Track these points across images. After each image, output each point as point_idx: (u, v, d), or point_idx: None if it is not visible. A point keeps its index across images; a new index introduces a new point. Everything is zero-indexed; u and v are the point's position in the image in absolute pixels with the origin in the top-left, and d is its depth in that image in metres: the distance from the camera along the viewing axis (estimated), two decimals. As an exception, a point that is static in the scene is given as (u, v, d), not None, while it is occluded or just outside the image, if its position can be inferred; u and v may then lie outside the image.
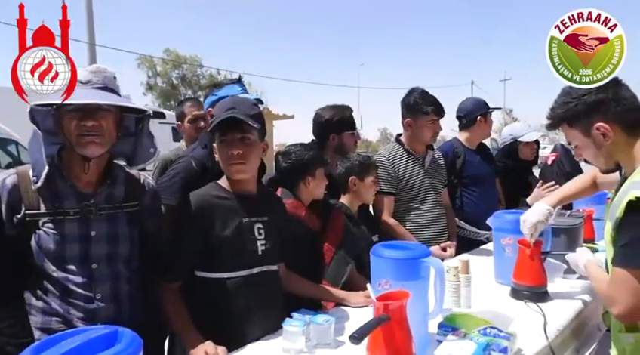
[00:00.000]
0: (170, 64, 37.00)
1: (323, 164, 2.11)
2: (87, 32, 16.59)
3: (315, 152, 2.10)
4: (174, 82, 38.30)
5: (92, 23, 16.72)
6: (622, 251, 1.37)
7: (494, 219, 2.17)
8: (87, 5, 16.65)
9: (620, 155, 1.51)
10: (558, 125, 1.61)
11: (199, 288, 1.59)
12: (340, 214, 2.15)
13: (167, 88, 37.61)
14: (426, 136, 2.71)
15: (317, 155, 2.09)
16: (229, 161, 1.60)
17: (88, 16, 16.81)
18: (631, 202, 1.33)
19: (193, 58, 37.97)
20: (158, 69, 37.32)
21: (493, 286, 2.11)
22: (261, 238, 1.63)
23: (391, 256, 1.39)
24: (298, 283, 1.84)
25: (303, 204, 2.02)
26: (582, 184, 2.05)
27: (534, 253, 1.89)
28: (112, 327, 1.05)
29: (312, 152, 2.07)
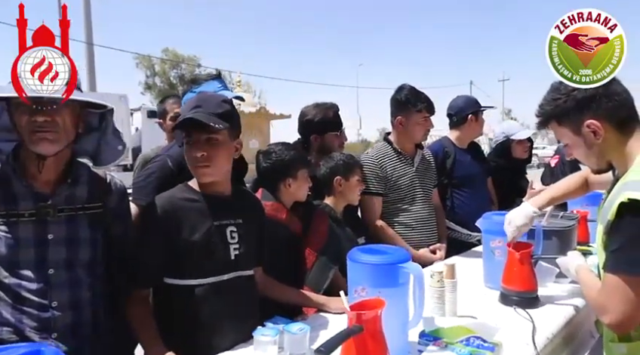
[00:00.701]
0: (168, 64, 36.95)
1: (305, 165, 2.02)
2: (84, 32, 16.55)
3: (296, 152, 2.01)
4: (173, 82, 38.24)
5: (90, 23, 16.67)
6: (613, 256, 1.29)
7: (483, 221, 2.09)
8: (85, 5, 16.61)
9: (612, 154, 1.43)
10: (547, 123, 1.53)
11: (167, 296, 1.50)
12: (324, 217, 2.07)
13: (165, 88, 37.54)
14: (418, 134, 2.63)
15: (298, 156, 2.00)
16: (194, 163, 1.51)
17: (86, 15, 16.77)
18: (623, 204, 1.25)
19: (191, 58, 37.92)
20: (157, 69, 37.28)
21: (482, 291, 2.03)
22: (234, 242, 1.54)
23: (367, 261, 1.31)
24: (276, 289, 1.75)
25: (283, 206, 1.93)
26: (572, 184, 1.97)
27: (524, 257, 1.80)
28: (35, 345, 0.95)
29: (293, 153, 1.98)
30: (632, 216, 1.24)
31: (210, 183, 1.54)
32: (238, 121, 1.62)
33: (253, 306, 1.59)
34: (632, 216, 1.24)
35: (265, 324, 1.45)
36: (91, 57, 17.81)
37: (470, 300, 1.88)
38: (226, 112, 1.55)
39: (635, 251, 1.25)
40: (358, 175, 2.30)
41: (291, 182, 1.94)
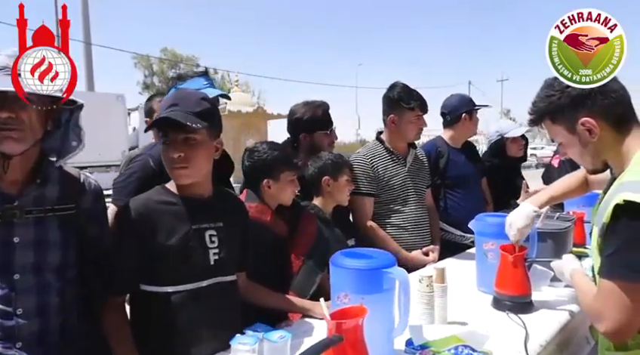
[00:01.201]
0: (167, 63, 36.90)
1: (289, 167, 1.92)
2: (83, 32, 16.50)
3: (281, 153, 1.91)
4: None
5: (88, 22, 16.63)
6: (609, 260, 1.23)
7: (476, 222, 2.03)
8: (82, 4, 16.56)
9: (607, 153, 1.36)
10: (541, 121, 1.47)
11: (143, 303, 1.43)
12: (311, 219, 2.00)
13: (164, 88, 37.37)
14: (411, 132, 2.57)
15: (282, 157, 1.91)
16: (171, 164, 1.43)
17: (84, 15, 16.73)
18: (619, 206, 1.19)
19: (190, 58, 37.88)
20: (155, 69, 37.24)
21: (474, 295, 1.97)
22: (214, 246, 1.46)
23: (350, 266, 1.24)
24: (259, 294, 1.68)
25: (268, 207, 1.86)
26: (572, 183, 1.90)
27: (517, 260, 1.74)
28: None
29: (276, 153, 1.89)
30: (628, 218, 1.18)
31: (188, 184, 1.47)
32: (218, 119, 1.55)
33: (234, 313, 1.52)
34: (629, 218, 1.18)
35: (244, 331, 1.38)
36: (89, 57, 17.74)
37: (462, 305, 1.82)
38: (205, 111, 1.47)
39: (632, 255, 1.18)
40: (347, 175, 2.23)
41: (272, 183, 1.86)
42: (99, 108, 13.22)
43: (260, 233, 1.74)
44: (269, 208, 1.86)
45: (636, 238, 1.17)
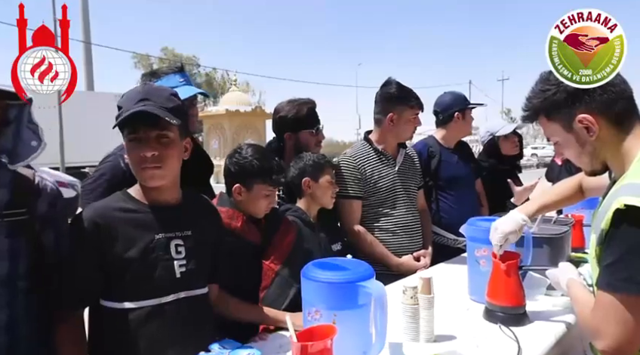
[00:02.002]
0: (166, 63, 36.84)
1: (264, 180, 1.73)
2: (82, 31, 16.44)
3: (260, 162, 1.73)
4: (170, 82, 38.08)
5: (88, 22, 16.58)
6: (608, 271, 1.11)
7: (468, 227, 1.91)
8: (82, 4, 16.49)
9: (607, 153, 1.25)
10: (535, 118, 1.35)
11: (100, 320, 1.31)
12: (290, 229, 1.84)
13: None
14: (408, 131, 2.47)
15: (259, 168, 1.72)
16: (142, 164, 1.30)
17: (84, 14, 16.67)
18: (619, 211, 1.07)
19: (190, 57, 37.84)
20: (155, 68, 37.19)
21: (465, 304, 1.85)
22: (180, 257, 1.34)
23: (321, 279, 1.12)
24: (231, 306, 1.56)
25: (240, 213, 1.73)
26: (565, 191, 1.78)
27: (510, 268, 1.62)
28: None
29: (255, 162, 1.72)
30: (628, 225, 1.06)
31: (155, 189, 1.35)
32: (186, 118, 1.44)
33: (204, 329, 1.39)
34: (629, 225, 1.06)
35: (209, 348, 1.27)
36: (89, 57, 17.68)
37: (451, 316, 1.70)
38: (177, 107, 1.36)
39: (634, 265, 1.07)
40: (329, 175, 2.11)
41: (243, 191, 1.73)
42: (98, 108, 13.19)
43: (230, 240, 1.62)
44: (241, 214, 1.73)
45: (638, 247, 1.06)
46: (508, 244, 1.69)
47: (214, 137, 16.02)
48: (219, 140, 15.60)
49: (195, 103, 2.03)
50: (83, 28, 16.37)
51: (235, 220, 1.68)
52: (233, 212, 1.69)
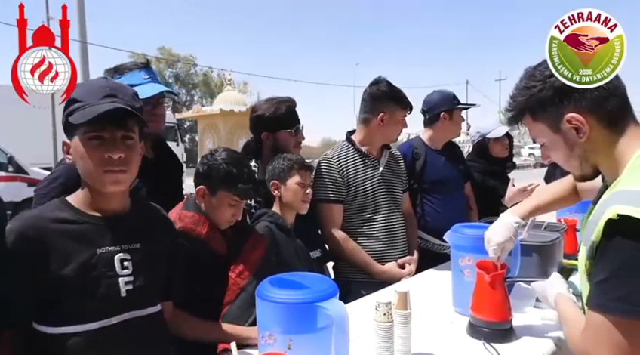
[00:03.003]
0: (163, 63, 36.72)
1: (229, 189, 1.59)
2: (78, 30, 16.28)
3: (229, 169, 1.58)
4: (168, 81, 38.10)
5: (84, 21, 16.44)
6: (600, 289, 0.99)
7: (451, 234, 1.78)
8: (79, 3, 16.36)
9: (598, 156, 1.13)
10: (521, 117, 1.23)
11: (34, 347, 1.15)
12: (260, 242, 1.70)
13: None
14: (397, 133, 2.35)
15: (226, 174, 1.58)
16: (106, 167, 1.17)
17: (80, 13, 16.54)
18: (611, 222, 0.95)
19: (187, 57, 37.70)
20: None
21: (449, 317, 1.72)
22: (126, 273, 1.19)
23: (275, 298, 0.99)
24: (187, 325, 1.42)
25: (206, 219, 1.60)
26: (560, 192, 1.66)
27: (496, 280, 1.50)
28: None
29: (224, 167, 1.58)
30: (622, 237, 0.94)
31: (103, 197, 1.21)
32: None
33: (162, 352, 1.27)
34: (623, 237, 0.94)
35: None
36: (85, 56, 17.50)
37: (433, 331, 1.58)
38: (140, 109, 1.26)
39: (628, 283, 0.94)
40: (299, 177, 1.97)
41: (207, 195, 1.60)
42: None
43: (192, 248, 1.50)
44: (208, 221, 1.60)
45: (633, 262, 0.94)
46: (505, 253, 1.57)
47: (209, 137, 15.84)
48: (213, 139, 15.42)
49: (162, 101, 1.90)
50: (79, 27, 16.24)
51: (200, 226, 1.55)
52: (199, 218, 1.56)
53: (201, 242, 1.53)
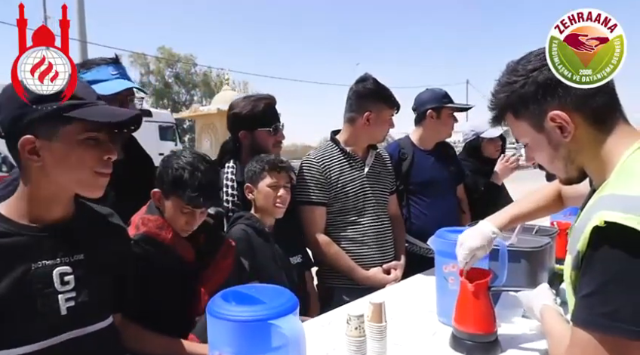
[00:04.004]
0: (163, 62, 36.70)
1: (178, 193, 1.44)
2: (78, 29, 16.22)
3: (180, 172, 1.44)
4: (168, 81, 38.08)
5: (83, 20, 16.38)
6: (585, 304, 0.90)
7: (435, 239, 1.69)
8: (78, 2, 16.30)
9: (584, 158, 1.04)
10: (503, 116, 1.14)
11: None
12: (230, 251, 1.60)
13: (160, 87, 37.35)
14: (383, 132, 2.26)
15: (175, 178, 1.44)
16: (100, 168, 1.09)
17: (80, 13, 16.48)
18: (598, 230, 0.85)
19: (187, 57, 37.66)
20: (151, 68, 37.09)
21: (433, 327, 1.63)
22: (67, 289, 1.08)
23: (226, 315, 0.90)
24: (139, 339, 1.32)
25: (169, 224, 1.49)
26: (542, 199, 1.56)
27: (479, 289, 1.40)
28: None
29: (179, 172, 1.44)
30: (610, 246, 0.85)
31: (43, 203, 1.09)
32: None
33: None
34: (611, 246, 0.85)
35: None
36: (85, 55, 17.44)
37: (414, 343, 1.49)
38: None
39: (616, 298, 0.85)
40: (270, 178, 1.88)
41: (162, 198, 1.49)
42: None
43: (156, 254, 1.40)
44: (170, 225, 1.49)
45: (621, 274, 0.84)
46: (475, 260, 1.48)
47: (206, 137, 15.78)
48: (211, 139, 15.36)
49: (131, 98, 1.80)
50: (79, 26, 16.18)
51: (165, 230, 1.44)
52: (163, 222, 1.45)
53: (165, 247, 1.43)
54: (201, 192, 1.41)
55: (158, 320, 1.35)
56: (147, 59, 35.86)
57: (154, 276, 1.36)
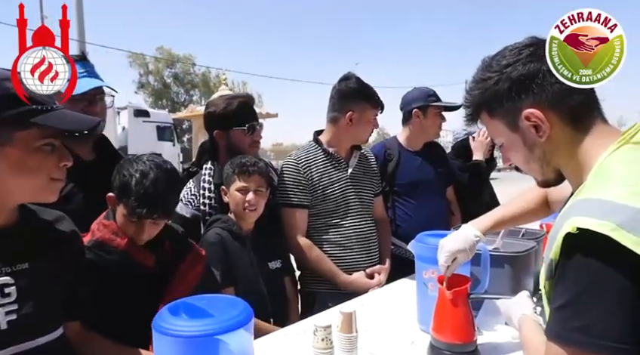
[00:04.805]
0: (162, 62, 36.64)
1: (122, 200, 1.36)
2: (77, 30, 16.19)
3: (126, 178, 1.34)
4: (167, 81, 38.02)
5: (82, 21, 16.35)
6: (558, 316, 0.83)
7: (415, 243, 1.62)
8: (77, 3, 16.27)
9: (560, 159, 0.97)
10: (478, 115, 1.07)
11: None
12: (197, 261, 1.51)
13: (159, 87, 37.30)
14: (367, 133, 2.19)
15: (122, 183, 1.35)
16: (56, 175, 1.04)
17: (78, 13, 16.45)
18: (570, 237, 0.79)
19: (186, 57, 37.58)
20: (150, 68, 37.05)
21: (412, 335, 1.56)
22: (8, 301, 1.00)
23: (169, 330, 0.83)
24: (99, 348, 1.25)
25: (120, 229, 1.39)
26: (528, 204, 1.50)
27: (457, 296, 1.33)
28: None
29: (125, 175, 1.35)
30: (582, 255, 0.78)
31: None
32: None
33: None
34: (583, 255, 0.78)
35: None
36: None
37: (391, 352, 1.42)
38: None
39: (588, 312, 0.78)
40: (240, 182, 1.81)
41: (115, 203, 1.39)
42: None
43: (109, 260, 1.33)
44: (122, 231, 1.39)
45: (594, 285, 0.78)
46: (456, 265, 1.41)
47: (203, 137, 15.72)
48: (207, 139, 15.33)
49: (101, 98, 1.74)
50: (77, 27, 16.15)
51: (120, 236, 1.36)
52: (118, 228, 1.38)
53: (120, 254, 1.35)
54: (145, 203, 1.30)
55: (119, 330, 1.28)
56: (146, 59, 35.80)
57: (109, 284, 1.29)
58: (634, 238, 0.73)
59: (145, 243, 1.40)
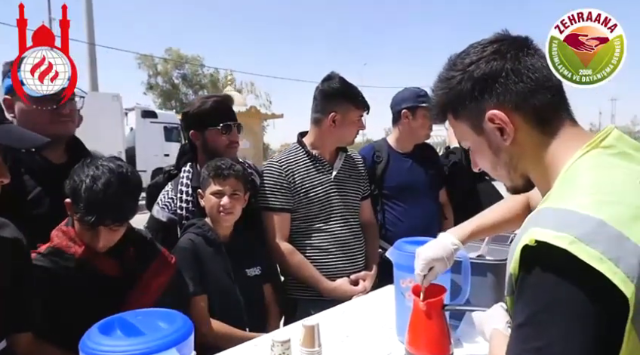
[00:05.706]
0: (171, 64, 36.82)
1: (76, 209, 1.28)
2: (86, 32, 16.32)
3: (78, 184, 1.27)
4: (175, 82, 38.21)
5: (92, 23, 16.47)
6: (518, 335, 0.76)
7: (393, 251, 1.55)
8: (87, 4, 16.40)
9: (527, 164, 0.90)
10: (444, 116, 1.00)
11: None
12: (165, 268, 1.46)
13: (168, 88, 37.49)
14: (352, 135, 2.12)
15: (72, 189, 1.28)
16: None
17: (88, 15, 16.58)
18: (529, 250, 0.72)
19: (195, 58, 37.73)
20: (159, 69, 37.26)
21: (389, 347, 1.49)
22: None
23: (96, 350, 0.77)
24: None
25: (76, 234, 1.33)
26: (509, 210, 1.42)
27: (432, 308, 1.26)
28: None
29: (79, 180, 1.27)
30: (541, 270, 0.71)
31: None
32: None
33: None
34: (542, 270, 0.71)
35: None
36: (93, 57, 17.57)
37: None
38: None
39: (546, 331, 0.71)
40: (215, 185, 1.75)
41: (72, 210, 1.32)
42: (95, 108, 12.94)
43: (64, 268, 1.27)
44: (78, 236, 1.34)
45: (553, 303, 0.71)
46: (434, 274, 1.34)
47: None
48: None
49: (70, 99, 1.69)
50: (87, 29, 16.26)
51: (77, 243, 1.30)
52: (75, 234, 1.32)
53: (76, 261, 1.29)
54: (94, 210, 1.23)
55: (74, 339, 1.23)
56: (155, 60, 36.00)
57: (63, 292, 1.24)
58: (593, 251, 0.66)
59: (107, 250, 1.34)
